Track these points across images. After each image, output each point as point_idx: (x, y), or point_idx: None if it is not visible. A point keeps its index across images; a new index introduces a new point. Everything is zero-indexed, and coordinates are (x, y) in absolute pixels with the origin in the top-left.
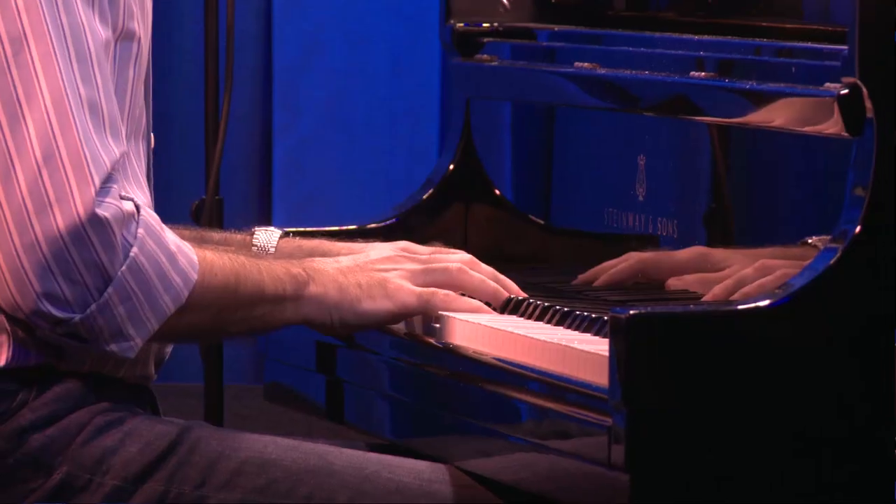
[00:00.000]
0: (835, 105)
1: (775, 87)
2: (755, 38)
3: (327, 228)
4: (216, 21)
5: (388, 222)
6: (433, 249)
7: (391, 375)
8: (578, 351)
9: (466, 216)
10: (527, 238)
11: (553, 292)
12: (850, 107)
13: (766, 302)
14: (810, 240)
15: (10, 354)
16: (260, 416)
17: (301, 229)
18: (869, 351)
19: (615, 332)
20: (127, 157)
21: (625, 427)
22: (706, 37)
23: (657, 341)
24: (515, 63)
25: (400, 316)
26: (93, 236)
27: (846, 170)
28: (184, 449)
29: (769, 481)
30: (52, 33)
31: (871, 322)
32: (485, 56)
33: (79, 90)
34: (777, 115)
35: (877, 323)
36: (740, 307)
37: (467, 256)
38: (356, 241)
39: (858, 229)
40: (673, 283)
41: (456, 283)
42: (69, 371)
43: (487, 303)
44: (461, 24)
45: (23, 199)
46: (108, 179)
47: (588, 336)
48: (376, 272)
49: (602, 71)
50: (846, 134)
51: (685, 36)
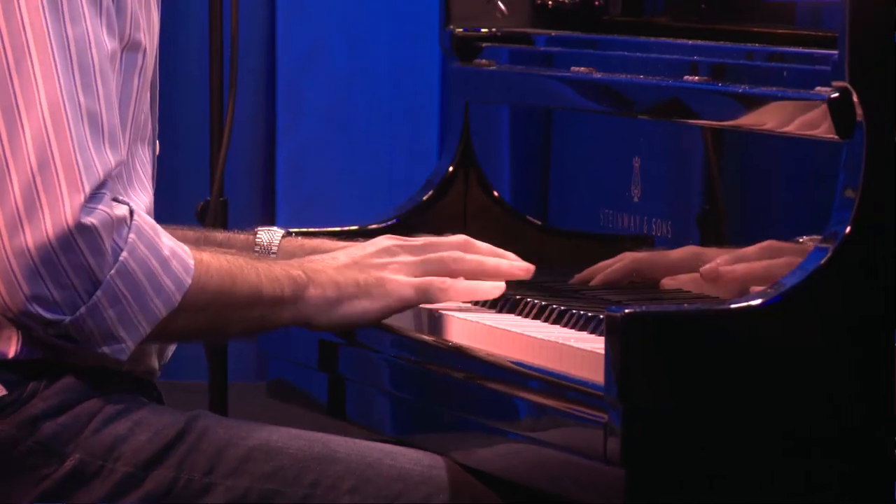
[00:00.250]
0: (825, 108)
1: (767, 91)
2: (747, 43)
3: (329, 229)
4: (221, 27)
5: (389, 222)
6: (427, 238)
7: (392, 373)
8: (575, 349)
9: (465, 217)
10: (524, 238)
11: (550, 291)
12: (841, 110)
13: (758, 301)
14: (801, 239)
15: (19, 348)
16: (263, 413)
17: (303, 230)
18: (862, 350)
19: (611, 331)
20: (130, 164)
21: (620, 423)
22: (700, 42)
23: (651, 339)
24: (513, 67)
25: (400, 310)
26: (80, 242)
27: (837, 172)
28: (192, 437)
29: (765, 478)
30: (55, 44)
31: (864, 321)
32: (483, 61)
33: (78, 100)
34: (769, 119)
35: (870, 322)
36: (733, 306)
37: (462, 238)
38: (358, 241)
39: (849, 230)
40: (667, 283)
41: (453, 273)
42: (77, 365)
43: (485, 302)
44: (460, 30)
45: (16, 204)
46: (101, 187)
47: (584, 334)
48: (373, 268)
49: (598, 75)
50: (837, 137)
51: (679, 41)
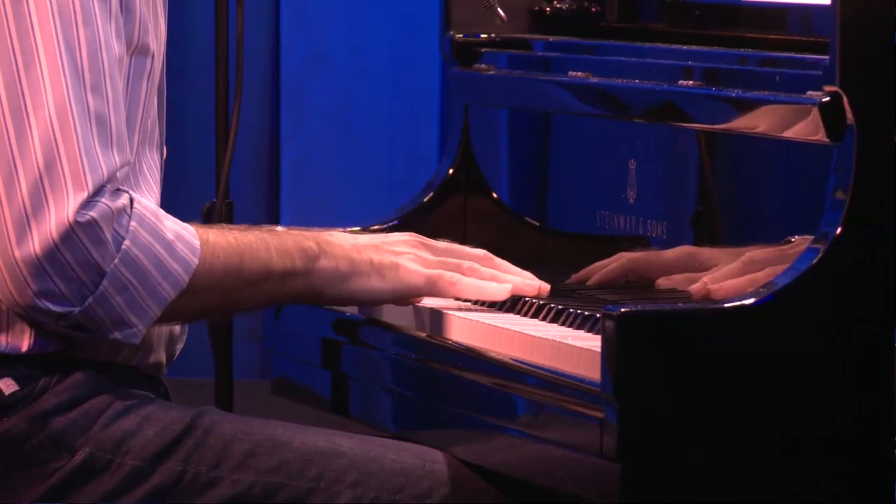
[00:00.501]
0: (816, 112)
1: (760, 95)
2: (740, 49)
3: (332, 230)
4: (226, 34)
5: (391, 223)
6: (450, 244)
7: (394, 371)
8: (572, 347)
9: (465, 218)
10: (523, 239)
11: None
12: (832, 114)
13: (751, 300)
14: (793, 239)
15: (32, 342)
16: (267, 410)
17: (307, 228)
18: (857, 349)
19: (607, 329)
20: (137, 167)
21: (616, 420)
22: (694, 47)
23: (646, 338)
24: (512, 72)
25: (407, 295)
26: (82, 236)
27: (828, 174)
28: (199, 432)
29: (761, 476)
30: (64, 47)
31: (857, 321)
32: (483, 65)
33: (87, 101)
34: (761, 122)
35: (863, 321)
36: (726, 305)
37: (482, 252)
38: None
39: (839, 231)
40: (662, 283)
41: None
42: (88, 359)
43: (484, 302)
44: (460, 35)
45: (23, 204)
46: (105, 185)
47: (581, 333)
48: (391, 253)
49: (595, 80)
50: (827, 140)
51: (674, 46)
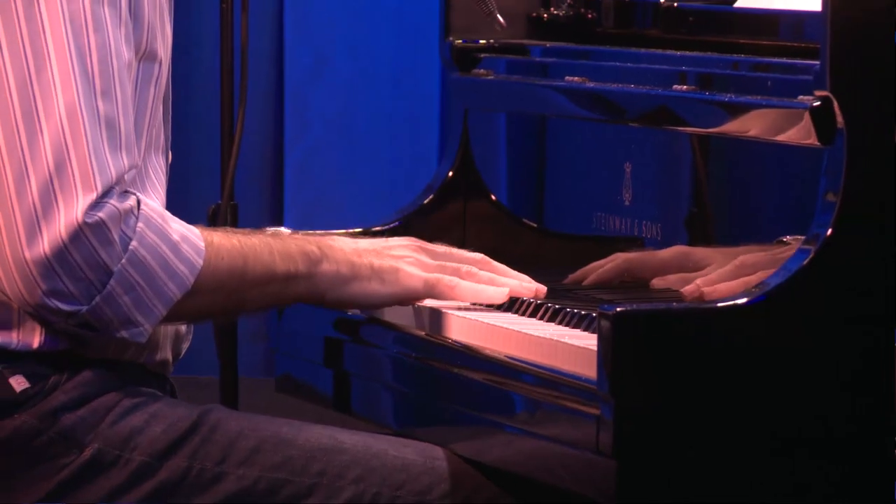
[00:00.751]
0: (807, 116)
1: (752, 100)
2: (733, 54)
3: (334, 231)
4: (231, 41)
5: (392, 225)
6: (448, 248)
7: (394, 369)
8: (569, 346)
9: (465, 219)
10: (521, 240)
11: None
12: (822, 118)
13: (744, 300)
14: (785, 238)
15: (43, 339)
16: (271, 407)
17: (310, 231)
18: (851, 349)
19: (603, 328)
20: (143, 170)
21: (611, 417)
22: (688, 52)
23: (641, 336)
24: (510, 77)
25: (407, 299)
26: (90, 237)
27: (818, 176)
28: (205, 429)
29: (757, 475)
30: (75, 52)
31: (849, 320)
32: (481, 70)
33: (97, 105)
34: (754, 126)
35: (856, 321)
36: (720, 305)
37: (480, 256)
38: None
39: (830, 232)
40: (657, 283)
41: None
42: (97, 358)
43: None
44: (459, 41)
45: (34, 204)
46: (113, 186)
47: (578, 332)
48: (390, 258)
49: (591, 84)
50: (818, 143)
51: (668, 52)
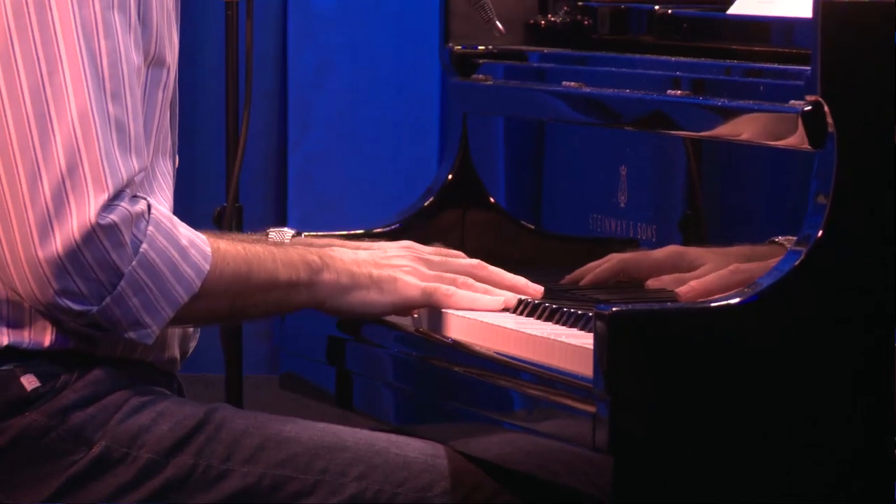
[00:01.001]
0: (799, 120)
1: (744, 104)
2: (726, 60)
3: (337, 232)
4: (236, 46)
5: (393, 227)
6: (436, 250)
7: (395, 367)
8: (566, 344)
9: (464, 221)
10: (519, 241)
11: (543, 290)
12: (813, 122)
13: (737, 300)
14: (777, 238)
15: (54, 338)
16: (275, 404)
17: (313, 233)
18: (845, 349)
19: (599, 328)
20: (151, 173)
21: (607, 414)
22: (681, 58)
23: (637, 336)
24: (508, 82)
25: (404, 307)
26: (103, 239)
27: (809, 179)
28: (211, 427)
29: (754, 473)
30: (86, 57)
31: (840, 320)
32: (480, 76)
33: (107, 110)
34: (746, 130)
35: (849, 321)
36: (713, 305)
37: (476, 261)
38: (363, 243)
39: (821, 233)
40: (652, 283)
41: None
42: (106, 357)
43: None
44: (459, 47)
45: (46, 206)
46: (124, 188)
47: (574, 331)
48: (389, 268)
49: (587, 89)
50: (809, 147)
51: (662, 57)
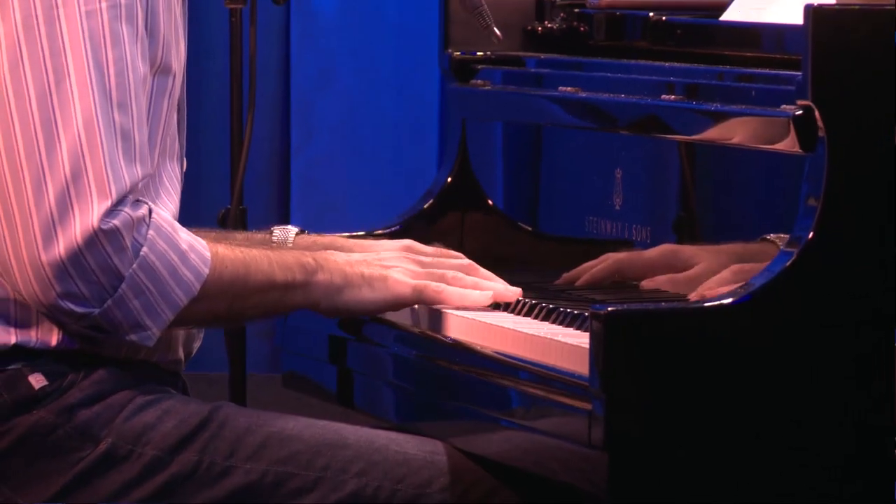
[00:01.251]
0: (790, 125)
1: (737, 109)
2: (719, 66)
3: (339, 234)
4: (240, 52)
5: (393, 228)
6: (436, 250)
7: (395, 366)
8: (562, 344)
9: (462, 223)
10: (516, 243)
11: (540, 291)
12: (804, 126)
13: (730, 300)
14: (769, 236)
15: (60, 338)
16: (278, 402)
17: (315, 234)
18: (841, 349)
19: (594, 327)
20: (157, 177)
21: (603, 412)
22: (675, 64)
23: (632, 335)
24: (506, 87)
25: (396, 305)
26: (105, 243)
27: (800, 182)
28: (215, 425)
29: (751, 472)
30: (93, 66)
31: (833, 320)
32: (479, 81)
33: (113, 118)
34: (739, 134)
35: (844, 321)
36: (706, 304)
37: (467, 261)
38: (365, 241)
39: (811, 235)
40: (647, 284)
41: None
42: (111, 357)
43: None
44: (458, 53)
45: (51, 211)
46: (127, 195)
47: (571, 330)
48: (380, 266)
49: (583, 94)
50: (800, 150)
51: (657, 63)
